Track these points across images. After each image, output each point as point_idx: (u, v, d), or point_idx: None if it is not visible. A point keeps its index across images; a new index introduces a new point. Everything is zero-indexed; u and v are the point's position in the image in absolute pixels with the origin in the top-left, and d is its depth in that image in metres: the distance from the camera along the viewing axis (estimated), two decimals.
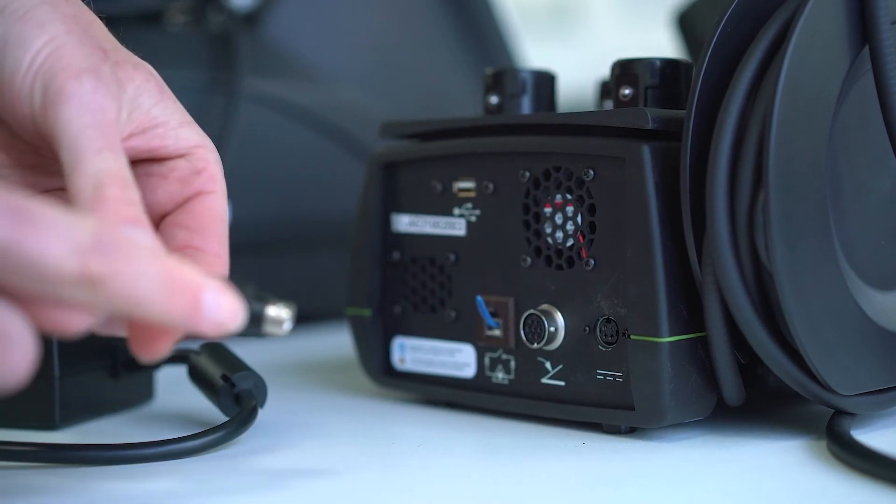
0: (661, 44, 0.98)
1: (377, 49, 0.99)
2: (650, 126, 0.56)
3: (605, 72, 0.64)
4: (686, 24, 0.90)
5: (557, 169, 0.59)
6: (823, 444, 0.55)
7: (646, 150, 0.55)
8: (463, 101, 0.97)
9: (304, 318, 0.67)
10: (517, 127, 0.61)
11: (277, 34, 0.94)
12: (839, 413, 0.56)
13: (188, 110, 0.54)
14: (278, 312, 0.47)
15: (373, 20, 1.00)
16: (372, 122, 0.88)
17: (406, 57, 1.00)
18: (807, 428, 0.58)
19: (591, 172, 0.57)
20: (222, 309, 0.44)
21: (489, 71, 0.65)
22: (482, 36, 1.02)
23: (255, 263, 0.87)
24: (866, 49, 0.55)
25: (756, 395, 0.58)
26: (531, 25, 2.64)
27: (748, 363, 0.56)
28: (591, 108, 0.67)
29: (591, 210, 0.58)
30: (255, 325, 0.47)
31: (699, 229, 0.54)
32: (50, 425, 0.59)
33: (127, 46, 0.53)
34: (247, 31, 0.93)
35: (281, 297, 0.48)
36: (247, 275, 0.48)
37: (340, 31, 0.97)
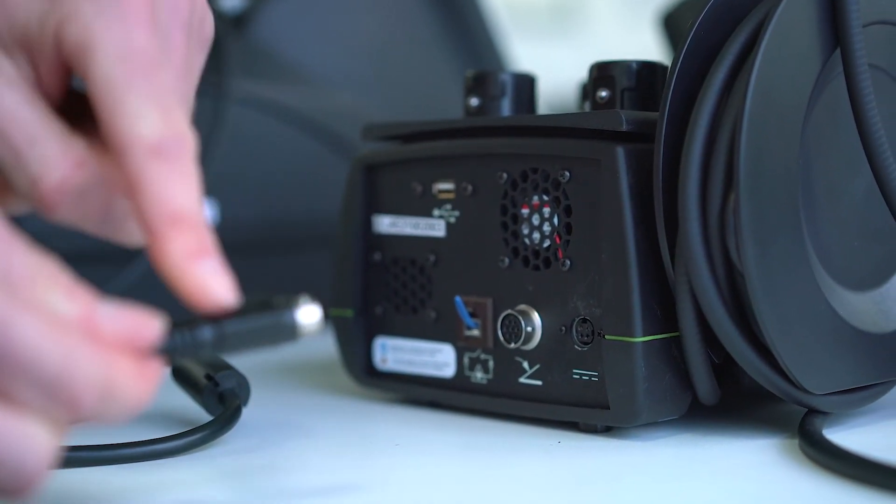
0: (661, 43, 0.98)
1: (366, 50, 1.00)
2: (624, 128, 0.57)
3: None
4: (671, 25, 0.91)
5: (534, 170, 0.59)
6: (796, 442, 0.55)
7: (620, 152, 0.56)
8: (451, 101, 0.97)
9: None
10: (495, 129, 0.62)
11: (266, 36, 0.95)
12: (812, 412, 0.57)
13: None
14: (308, 316, 0.46)
15: (362, 22, 1.01)
16: (360, 123, 0.89)
17: (395, 58, 1.01)
18: (780, 427, 0.59)
19: (567, 174, 0.58)
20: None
21: (470, 73, 0.66)
22: (471, 37, 1.03)
23: (243, 263, 0.87)
24: (838, 52, 0.55)
25: (731, 394, 0.59)
26: (531, 25, 2.65)
27: (722, 363, 0.57)
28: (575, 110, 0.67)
29: (568, 211, 0.58)
30: (290, 336, 0.46)
31: (672, 230, 0.55)
32: None
33: None
34: (236, 33, 0.94)
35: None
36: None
37: (329, 33, 0.98)
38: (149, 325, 0.43)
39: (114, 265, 0.80)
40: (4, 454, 0.40)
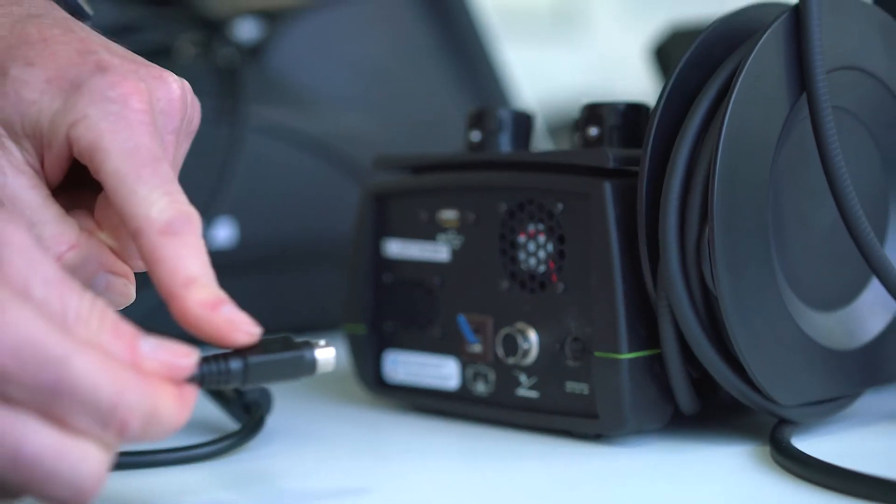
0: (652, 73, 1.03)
1: (374, 77, 1.05)
2: (611, 165, 0.62)
3: (606, 75, 0.70)
4: (661, 55, 0.97)
5: (531, 202, 0.65)
6: (768, 449, 0.61)
7: (607, 187, 0.62)
8: (453, 124, 1.02)
9: (302, 331, 0.73)
10: (496, 163, 0.68)
11: (280, 65, 1.00)
12: (782, 422, 0.63)
13: (195, 139, 0.59)
14: (325, 354, 0.53)
15: (370, 50, 1.06)
16: (368, 146, 0.95)
17: (401, 84, 1.07)
18: (754, 435, 0.64)
19: (561, 206, 0.64)
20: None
21: (472, 110, 0.71)
22: (472, 64, 1.09)
23: (260, 279, 0.93)
24: (804, 96, 0.61)
25: (709, 405, 0.64)
26: (533, 29, 2.68)
27: (700, 377, 0.63)
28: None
29: (561, 239, 0.64)
30: (309, 371, 0.53)
31: (654, 258, 0.61)
32: None
33: None
34: (252, 62, 0.99)
35: (281, 311, 0.54)
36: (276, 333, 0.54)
37: (339, 62, 1.03)
38: (186, 357, 0.49)
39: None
40: (65, 473, 0.45)
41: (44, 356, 0.44)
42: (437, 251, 0.69)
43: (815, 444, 0.60)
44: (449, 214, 0.69)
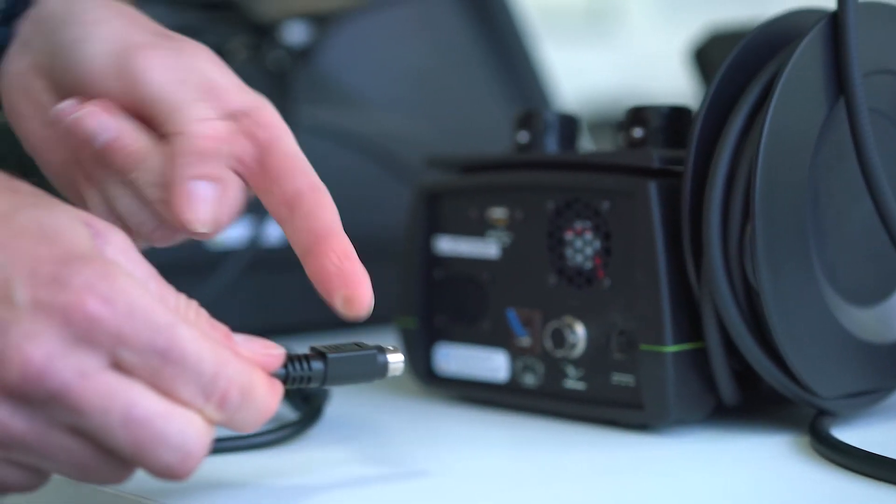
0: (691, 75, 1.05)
1: (418, 78, 1.07)
2: (656, 165, 0.65)
3: (641, 74, 0.72)
4: (700, 57, 0.99)
5: (578, 201, 0.68)
6: (807, 440, 0.63)
7: (652, 187, 0.64)
8: (495, 124, 1.05)
9: (353, 327, 0.76)
10: (543, 163, 0.70)
11: (329, 67, 1.02)
12: (822, 413, 0.65)
13: None
14: (396, 357, 0.58)
15: (414, 52, 1.08)
16: (414, 146, 0.97)
17: (444, 85, 1.09)
18: (794, 426, 0.66)
19: (607, 204, 0.66)
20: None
21: (519, 112, 0.74)
22: (514, 65, 1.11)
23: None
24: (842, 99, 0.64)
25: (751, 397, 0.67)
26: (569, 28, 2.70)
27: (743, 370, 0.65)
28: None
29: (607, 236, 0.67)
30: (381, 373, 0.57)
31: (698, 254, 0.63)
32: None
33: None
34: (301, 65, 1.01)
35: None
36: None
37: (385, 64, 1.05)
38: (274, 354, 0.53)
39: (195, 276, 0.89)
40: (173, 436, 0.48)
41: (155, 322, 0.48)
42: (487, 248, 0.72)
43: (854, 435, 0.63)
44: (498, 212, 0.71)
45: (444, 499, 0.58)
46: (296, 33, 1.02)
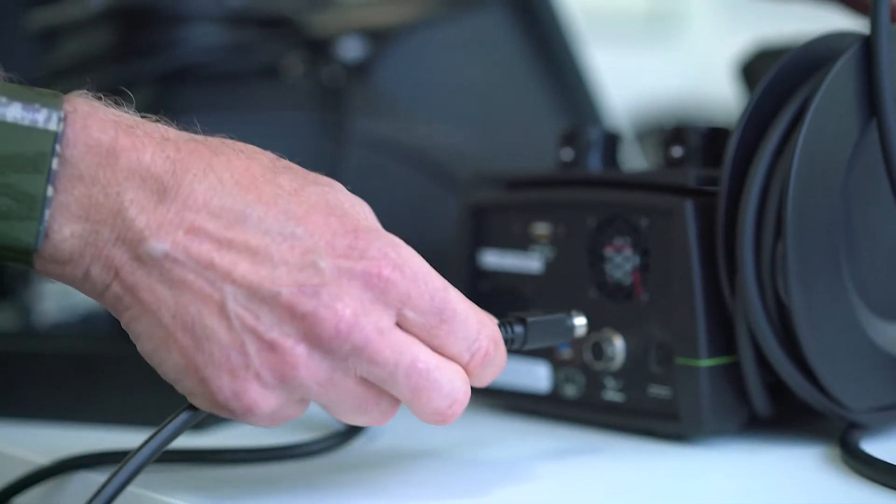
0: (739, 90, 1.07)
1: (471, 93, 1.09)
2: (693, 184, 0.67)
3: (701, 79, 0.74)
4: (748, 73, 1.00)
5: (618, 217, 0.70)
6: (838, 452, 0.65)
7: (688, 205, 0.66)
8: (546, 139, 1.06)
9: None
10: (586, 181, 0.73)
11: (383, 82, 1.04)
12: (852, 426, 0.67)
13: (300, 152, 0.64)
14: (580, 320, 0.65)
15: (467, 67, 1.10)
16: (465, 160, 0.99)
17: (496, 100, 1.11)
18: (826, 438, 0.68)
19: (646, 221, 0.69)
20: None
21: (563, 129, 0.76)
22: (566, 81, 1.13)
23: None
24: (874, 121, 0.65)
25: (785, 410, 0.69)
26: (628, 32, 2.70)
27: (776, 382, 0.67)
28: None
29: (646, 253, 0.69)
30: (569, 334, 0.65)
31: (732, 271, 0.65)
32: (199, 427, 0.72)
33: (246, 99, 0.64)
34: (357, 79, 1.03)
35: None
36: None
37: (438, 79, 1.07)
38: (492, 317, 0.60)
39: None
40: (445, 384, 0.56)
41: (433, 286, 0.56)
42: (531, 262, 0.74)
43: (884, 448, 0.64)
44: (541, 228, 0.74)
45: None
46: (351, 48, 1.04)
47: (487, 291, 0.77)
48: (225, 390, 0.54)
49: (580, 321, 0.65)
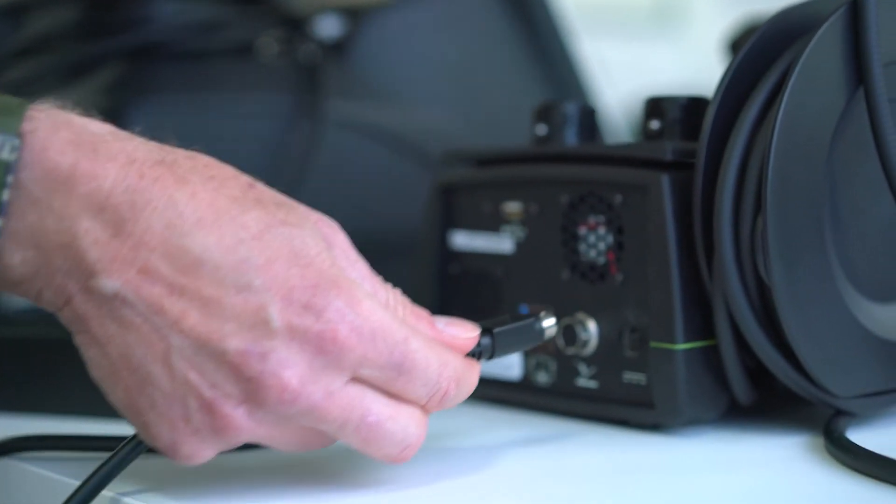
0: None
1: (453, 73, 1.06)
2: (669, 158, 0.63)
3: (707, 72, 0.71)
4: (736, 50, 0.97)
5: (591, 194, 0.66)
6: (822, 441, 0.61)
7: (664, 180, 0.63)
8: (530, 119, 1.03)
9: None
10: (558, 156, 0.69)
11: (361, 61, 1.01)
12: (838, 413, 0.63)
13: (274, 133, 0.61)
14: (549, 322, 0.62)
15: (449, 47, 1.07)
16: (447, 142, 0.95)
17: (480, 80, 1.08)
18: (811, 426, 0.64)
19: (620, 198, 0.65)
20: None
21: (538, 104, 0.73)
22: (552, 60, 1.10)
23: None
24: (861, 89, 0.61)
25: (767, 396, 0.65)
26: (634, 24, 2.68)
27: (758, 367, 0.63)
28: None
29: (620, 231, 0.65)
30: (539, 338, 0.62)
31: (710, 249, 0.62)
32: None
33: (219, 78, 0.61)
34: (333, 59, 1.00)
35: None
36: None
37: (419, 58, 1.04)
38: (472, 332, 0.58)
39: None
40: (398, 434, 0.54)
41: (392, 340, 0.53)
42: (502, 243, 0.71)
43: (872, 437, 0.61)
44: (513, 206, 0.70)
45: (457, 498, 0.57)
46: (328, 27, 1.01)
47: (457, 274, 0.73)
48: (164, 438, 0.53)
49: (549, 322, 0.62)
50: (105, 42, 0.92)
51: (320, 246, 0.54)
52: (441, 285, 0.74)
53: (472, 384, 0.57)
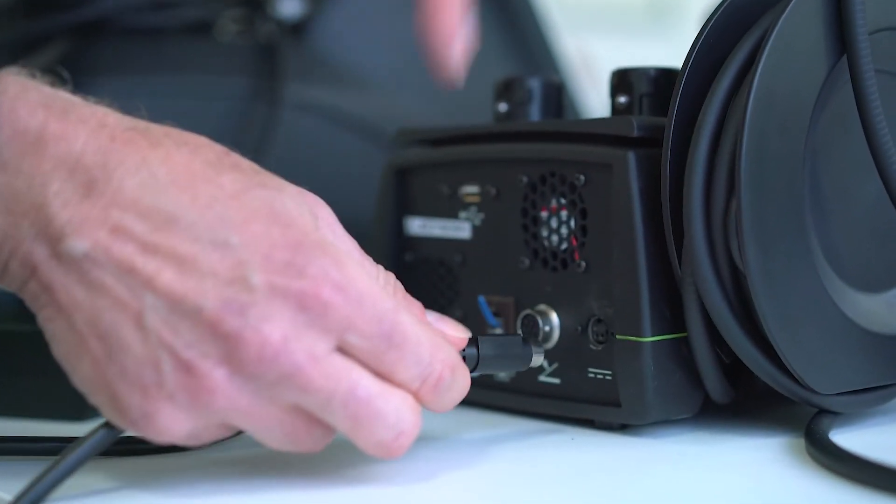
0: None
1: (417, 55, 1.02)
2: (636, 134, 0.58)
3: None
4: None
5: (552, 174, 0.61)
6: (803, 442, 0.56)
7: (631, 157, 0.58)
8: None
9: None
10: (517, 134, 0.64)
11: (322, 43, 0.97)
12: (822, 412, 0.58)
13: (231, 116, 0.57)
14: (539, 359, 0.59)
15: (413, 27, 1.03)
16: (410, 125, 0.91)
17: None
18: (792, 426, 0.60)
19: (583, 178, 0.60)
20: None
21: (499, 80, 0.67)
22: (525, 40, 1.05)
23: None
24: (844, 58, 0.56)
25: (746, 394, 0.60)
26: (629, 23, 2.64)
27: (734, 362, 0.58)
28: None
29: (583, 214, 0.60)
30: (525, 363, 0.59)
31: (681, 233, 0.56)
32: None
33: (174, 58, 0.57)
34: (293, 39, 0.96)
35: None
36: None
37: (382, 39, 1.00)
38: (462, 335, 0.56)
39: None
40: (390, 415, 0.51)
41: (381, 308, 0.50)
42: (459, 228, 0.66)
43: (856, 437, 0.56)
44: (470, 189, 0.65)
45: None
46: (288, 7, 0.97)
47: (413, 262, 0.68)
48: (134, 409, 0.49)
49: (539, 352, 0.59)
50: (50, 18, 0.89)
51: (303, 209, 0.51)
52: (396, 275, 0.68)
53: (465, 380, 0.54)
